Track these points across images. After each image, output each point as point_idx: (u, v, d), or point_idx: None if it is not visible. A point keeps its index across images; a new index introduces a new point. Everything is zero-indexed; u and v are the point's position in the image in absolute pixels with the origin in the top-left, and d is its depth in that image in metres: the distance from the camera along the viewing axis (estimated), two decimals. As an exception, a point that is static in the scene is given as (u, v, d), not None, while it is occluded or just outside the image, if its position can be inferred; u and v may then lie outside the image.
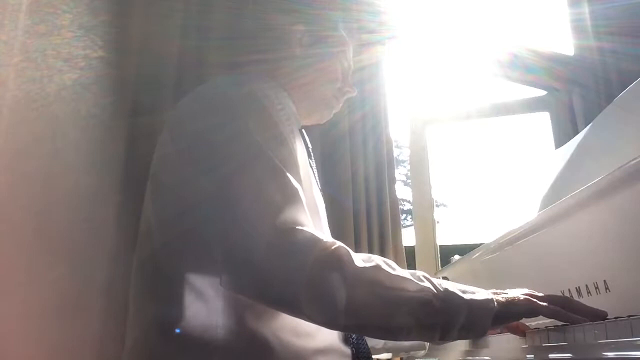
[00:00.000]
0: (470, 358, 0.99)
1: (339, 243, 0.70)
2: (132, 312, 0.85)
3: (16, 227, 0.99)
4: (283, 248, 0.68)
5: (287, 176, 0.75)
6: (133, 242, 0.89)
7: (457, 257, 1.34)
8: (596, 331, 0.57)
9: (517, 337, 0.78)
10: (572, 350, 0.61)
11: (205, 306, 0.76)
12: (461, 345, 1.05)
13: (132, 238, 1.31)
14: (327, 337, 0.82)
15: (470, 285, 0.74)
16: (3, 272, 0.94)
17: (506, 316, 0.71)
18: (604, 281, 0.70)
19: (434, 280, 0.72)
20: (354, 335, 0.88)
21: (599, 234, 0.73)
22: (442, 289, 0.70)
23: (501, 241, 1.02)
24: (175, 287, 0.78)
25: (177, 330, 0.75)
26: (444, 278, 1.44)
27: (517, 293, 0.73)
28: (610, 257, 0.71)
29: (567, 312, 0.68)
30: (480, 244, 1.16)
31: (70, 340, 1.09)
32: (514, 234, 0.96)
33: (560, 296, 0.74)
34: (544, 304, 0.70)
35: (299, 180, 0.77)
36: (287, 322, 0.76)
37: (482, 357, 0.93)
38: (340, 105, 1.06)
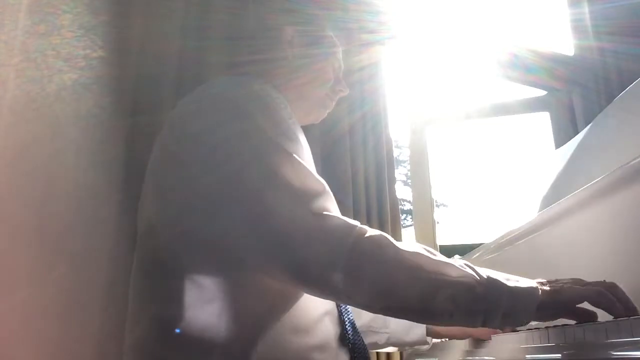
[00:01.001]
0: (470, 358, 0.99)
1: (377, 231, 0.72)
2: (132, 311, 0.85)
3: (17, 227, 0.99)
4: (322, 231, 0.70)
5: (307, 168, 0.77)
6: (133, 242, 0.89)
7: (457, 257, 1.34)
8: (596, 331, 0.57)
9: (517, 337, 0.78)
10: (572, 350, 0.61)
11: (206, 305, 0.76)
12: (461, 345, 1.05)
13: (132, 238, 1.31)
14: (324, 333, 0.83)
15: None
16: (3, 272, 0.94)
17: (553, 306, 0.68)
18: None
19: (477, 268, 0.71)
20: (350, 333, 0.88)
21: (599, 234, 0.73)
22: (484, 276, 0.69)
23: (501, 241, 1.02)
24: (179, 286, 0.78)
25: (177, 330, 0.76)
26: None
27: (563, 280, 0.70)
28: (610, 257, 0.71)
29: (612, 297, 0.64)
30: (480, 244, 1.16)
31: (70, 340, 1.09)
32: (514, 234, 0.96)
33: (607, 282, 0.69)
34: (588, 287, 0.67)
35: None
36: (285, 321, 0.77)
37: (482, 357, 0.93)
38: (334, 104, 1.07)
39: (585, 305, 0.67)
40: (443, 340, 1.20)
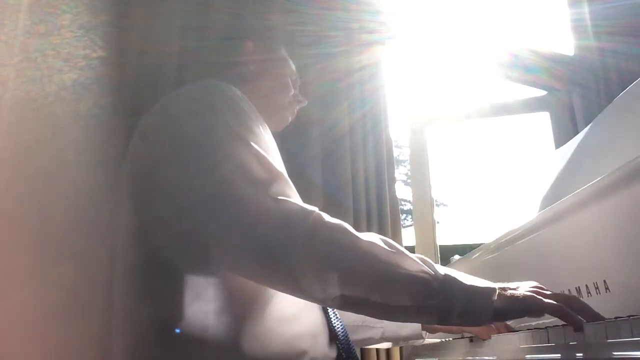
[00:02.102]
0: (470, 358, 0.99)
1: (336, 219, 0.73)
2: (122, 315, 0.86)
3: (16, 227, 0.99)
4: (278, 215, 0.71)
5: (269, 159, 0.78)
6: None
7: (457, 257, 1.34)
8: (596, 331, 0.57)
9: (517, 337, 0.78)
10: (572, 350, 0.61)
11: (193, 302, 0.77)
12: (461, 345, 1.05)
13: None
14: (311, 322, 0.84)
15: None
16: (4, 272, 0.94)
17: (509, 310, 0.69)
18: (604, 281, 0.70)
19: (435, 265, 0.71)
20: (340, 336, 0.89)
21: (599, 234, 0.73)
22: (441, 272, 0.70)
23: (501, 241, 1.02)
24: (174, 287, 0.78)
25: (177, 330, 0.76)
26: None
27: (525, 287, 0.71)
28: (610, 257, 0.71)
29: (570, 311, 0.65)
30: (480, 244, 1.16)
31: (70, 340, 1.09)
32: (514, 234, 0.96)
33: (567, 295, 0.71)
34: (549, 301, 0.67)
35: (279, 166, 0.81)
36: (272, 311, 0.78)
37: (482, 357, 0.93)
38: (293, 114, 1.14)
39: None
40: (443, 339, 1.20)
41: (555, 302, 0.67)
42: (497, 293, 0.69)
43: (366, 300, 0.70)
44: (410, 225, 2.18)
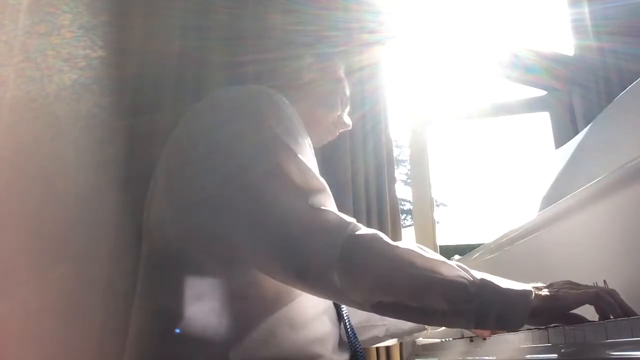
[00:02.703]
0: (470, 358, 0.99)
1: (372, 229, 0.74)
2: (136, 305, 0.87)
3: (16, 227, 0.99)
4: (317, 225, 0.72)
5: (310, 169, 0.79)
6: (133, 241, 0.89)
7: (457, 257, 1.34)
8: (596, 331, 0.57)
9: (517, 337, 0.78)
10: (572, 350, 0.61)
11: (205, 299, 0.78)
12: (461, 345, 1.05)
13: (132, 238, 1.31)
14: (322, 329, 0.84)
15: None
16: (3, 272, 0.94)
17: (548, 311, 0.68)
18: (604, 281, 0.70)
19: (471, 270, 0.72)
20: (352, 339, 0.90)
21: (599, 234, 0.73)
22: (478, 277, 0.70)
23: (501, 241, 1.02)
24: (181, 281, 0.79)
25: (177, 330, 0.76)
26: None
27: (560, 284, 0.70)
28: (610, 257, 0.71)
29: (606, 295, 0.64)
30: (480, 244, 1.16)
31: (70, 340, 1.09)
32: (514, 234, 0.96)
33: (601, 286, 0.70)
34: (583, 290, 0.67)
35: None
36: (283, 316, 0.79)
37: (481, 357, 0.93)
38: (336, 135, 1.14)
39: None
40: (443, 339, 1.20)
41: (593, 290, 0.66)
42: (533, 294, 0.68)
43: (404, 305, 0.71)
44: (410, 225, 2.18)
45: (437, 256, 0.73)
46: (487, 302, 0.68)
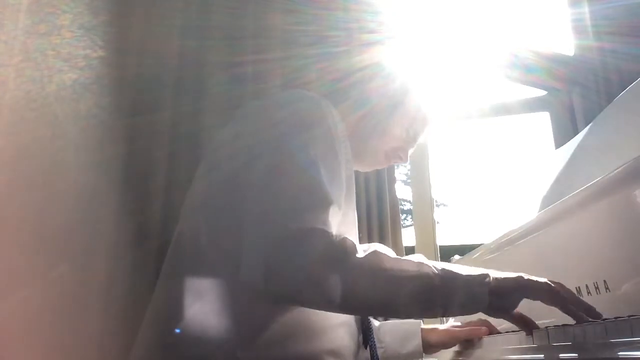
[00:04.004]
0: (470, 358, 0.99)
1: (344, 236, 0.73)
2: (157, 288, 0.87)
3: (16, 227, 0.99)
4: (293, 242, 0.71)
5: (323, 187, 0.77)
6: (133, 241, 0.89)
7: (457, 257, 1.34)
8: (596, 331, 0.57)
9: (517, 337, 0.78)
10: (572, 350, 0.61)
11: (213, 304, 0.78)
12: (459, 345, 1.05)
13: (132, 237, 1.31)
14: (337, 341, 0.84)
15: None
16: (3, 272, 0.94)
17: (504, 291, 0.72)
18: (604, 281, 0.70)
19: (431, 262, 0.75)
20: (372, 337, 0.91)
21: (599, 234, 0.73)
22: (440, 268, 0.73)
23: (501, 241, 1.02)
24: (197, 280, 0.80)
25: (177, 330, 0.76)
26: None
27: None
28: (610, 257, 0.71)
29: (559, 290, 0.70)
30: (480, 244, 1.16)
31: (70, 340, 1.09)
32: (514, 234, 0.96)
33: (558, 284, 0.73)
34: (539, 278, 0.72)
35: (340, 196, 0.81)
36: (297, 325, 0.78)
37: (481, 357, 0.93)
38: (386, 165, 1.09)
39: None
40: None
41: (547, 285, 0.71)
42: (490, 277, 0.73)
43: (376, 306, 0.75)
44: (410, 225, 2.18)
45: (398, 257, 0.76)
46: (451, 292, 0.72)
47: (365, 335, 0.92)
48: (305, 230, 0.71)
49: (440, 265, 0.74)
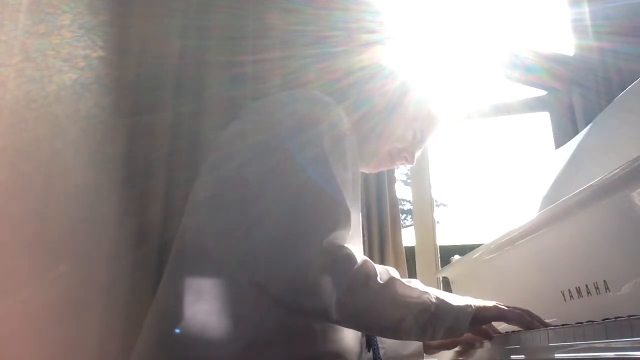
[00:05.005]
0: (470, 358, 0.99)
1: (364, 258, 0.77)
2: (161, 286, 0.88)
3: (16, 227, 0.99)
4: (325, 264, 0.73)
5: (344, 199, 0.80)
6: (133, 241, 0.89)
7: (457, 257, 1.34)
8: (596, 331, 0.57)
9: (516, 337, 0.78)
10: (572, 350, 0.61)
11: (225, 302, 0.78)
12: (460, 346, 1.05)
13: (132, 238, 1.31)
14: (342, 343, 0.84)
15: (471, 284, 0.77)
16: (3, 272, 0.94)
17: (481, 319, 0.83)
18: (604, 281, 0.70)
19: (428, 288, 0.82)
20: (374, 339, 0.94)
21: (599, 234, 0.73)
22: (434, 297, 0.80)
23: (501, 241, 1.02)
24: (201, 282, 0.80)
25: (177, 330, 0.76)
26: (444, 278, 1.44)
27: (488, 303, 0.85)
28: (610, 257, 0.71)
29: (529, 317, 0.81)
30: (480, 244, 1.16)
31: (70, 340, 1.09)
32: (514, 234, 0.96)
33: (521, 308, 0.84)
34: (510, 308, 0.83)
35: (350, 204, 0.83)
36: (300, 326, 0.79)
37: (480, 357, 0.93)
38: (392, 167, 1.10)
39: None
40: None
41: (516, 311, 0.83)
42: (473, 306, 0.82)
43: (387, 328, 0.81)
44: (410, 225, 2.17)
45: (405, 281, 0.82)
46: (443, 319, 0.79)
47: (368, 337, 0.92)
48: (333, 251, 0.74)
49: (434, 292, 0.81)
